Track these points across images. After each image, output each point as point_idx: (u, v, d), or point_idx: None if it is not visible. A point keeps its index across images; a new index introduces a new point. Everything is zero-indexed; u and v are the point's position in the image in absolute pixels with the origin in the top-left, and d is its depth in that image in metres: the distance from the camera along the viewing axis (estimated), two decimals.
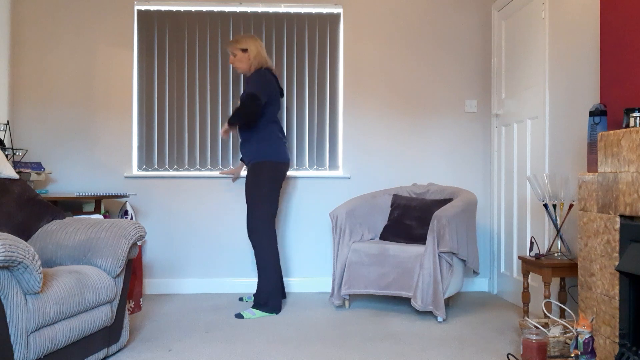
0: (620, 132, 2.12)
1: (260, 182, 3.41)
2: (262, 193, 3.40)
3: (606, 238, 2.22)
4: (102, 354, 2.48)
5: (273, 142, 3.46)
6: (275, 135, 3.49)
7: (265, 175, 3.41)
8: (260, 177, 3.41)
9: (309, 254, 4.17)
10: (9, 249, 1.83)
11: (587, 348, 2.13)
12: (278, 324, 3.19)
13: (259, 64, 3.50)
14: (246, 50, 3.50)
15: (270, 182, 3.42)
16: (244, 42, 3.51)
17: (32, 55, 4.04)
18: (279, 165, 3.46)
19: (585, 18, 2.94)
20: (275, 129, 3.49)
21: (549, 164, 3.31)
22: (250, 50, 3.50)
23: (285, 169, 3.51)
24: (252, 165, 3.45)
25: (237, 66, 3.55)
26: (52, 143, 4.05)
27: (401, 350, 2.68)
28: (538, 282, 3.39)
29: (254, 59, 3.50)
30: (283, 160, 3.48)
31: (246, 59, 3.51)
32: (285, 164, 3.51)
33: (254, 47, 3.50)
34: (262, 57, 3.51)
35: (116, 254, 2.50)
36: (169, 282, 4.08)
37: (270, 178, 3.42)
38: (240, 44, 3.51)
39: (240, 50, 3.51)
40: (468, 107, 4.23)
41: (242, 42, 3.51)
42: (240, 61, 3.52)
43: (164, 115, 4.13)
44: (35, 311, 1.99)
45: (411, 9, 4.22)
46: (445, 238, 3.20)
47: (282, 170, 3.48)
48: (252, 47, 3.50)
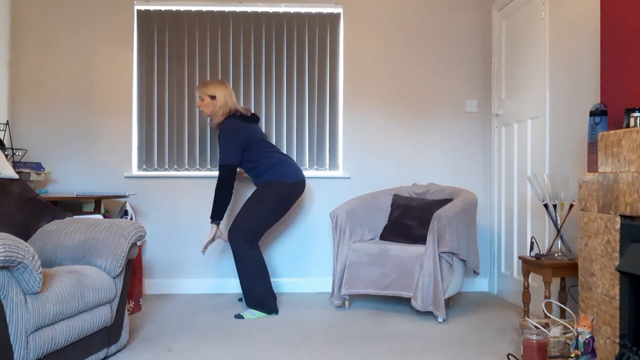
0: (621, 132, 2.12)
1: (263, 200, 3.39)
2: (259, 210, 3.37)
3: (606, 238, 2.22)
4: (102, 354, 2.48)
5: (280, 165, 3.46)
6: (279, 158, 3.48)
7: (272, 193, 3.39)
8: (266, 196, 3.39)
9: (309, 254, 4.17)
10: (8, 249, 1.83)
11: (587, 348, 2.12)
12: (278, 324, 3.19)
13: (223, 114, 3.48)
14: (214, 97, 3.51)
15: (274, 204, 3.39)
16: (213, 89, 3.51)
17: (32, 55, 4.04)
18: (289, 185, 3.42)
19: (585, 18, 2.94)
20: (274, 155, 3.49)
21: (549, 164, 3.31)
22: (218, 99, 3.49)
23: (298, 188, 3.47)
24: (262, 185, 3.46)
25: (202, 110, 3.56)
26: (52, 143, 4.05)
27: (401, 351, 2.68)
28: (538, 282, 3.39)
29: (219, 108, 3.49)
30: (295, 179, 3.45)
31: (212, 106, 3.51)
32: (298, 182, 3.46)
33: (222, 96, 3.50)
34: (227, 107, 3.49)
35: (116, 254, 2.49)
36: (169, 282, 4.08)
37: (277, 199, 3.39)
38: (210, 89, 3.51)
39: (208, 96, 3.51)
40: (468, 107, 4.23)
41: (212, 88, 3.51)
42: (207, 107, 3.53)
43: (163, 115, 4.13)
44: (35, 311, 1.99)
45: (411, 9, 4.22)
46: (445, 238, 3.19)
47: (293, 190, 3.44)
48: (220, 96, 3.50)
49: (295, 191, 3.46)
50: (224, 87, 3.54)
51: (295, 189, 3.46)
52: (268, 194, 3.40)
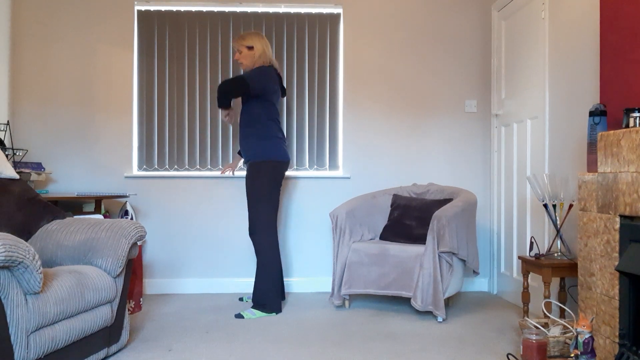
0: (620, 132, 2.12)
1: (259, 183, 3.41)
2: (262, 193, 3.40)
3: (606, 238, 2.22)
4: (103, 354, 2.48)
5: (272, 141, 3.45)
6: (274, 133, 3.48)
7: (265, 175, 3.41)
8: (260, 178, 3.41)
9: (309, 254, 4.17)
10: (9, 249, 1.83)
11: (587, 348, 2.13)
12: (278, 324, 3.19)
13: (262, 63, 3.48)
14: (252, 48, 3.48)
15: (270, 182, 3.42)
16: (250, 40, 3.49)
17: (32, 56, 4.04)
18: (278, 164, 3.45)
19: (585, 18, 2.94)
20: (274, 128, 3.48)
21: (549, 164, 3.31)
22: (256, 49, 3.48)
23: (284, 168, 3.50)
24: (251, 165, 3.45)
25: (241, 62, 3.53)
26: (53, 143, 4.05)
27: (401, 350, 2.68)
28: (538, 282, 3.39)
29: (258, 58, 3.48)
30: (282, 159, 3.47)
31: (251, 57, 3.49)
32: (285, 163, 3.49)
33: (260, 46, 3.49)
34: (266, 57, 3.50)
35: (116, 254, 2.50)
36: (169, 282, 4.08)
37: (270, 178, 3.42)
38: (247, 41, 3.49)
39: (246, 47, 3.49)
40: (468, 107, 4.23)
41: (249, 39, 3.49)
42: (245, 58, 3.50)
43: (164, 115, 4.13)
44: (36, 311, 2.00)
45: (411, 9, 4.22)
46: (445, 238, 3.20)
47: (281, 169, 3.48)
48: (258, 46, 3.49)
49: (281, 169, 3.47)
50: (260, 37, 3.52)
51: (281, 167, 3.47)
52: (261, 177, 3.40)
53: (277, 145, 3.46)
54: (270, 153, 3.43)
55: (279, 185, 3.49)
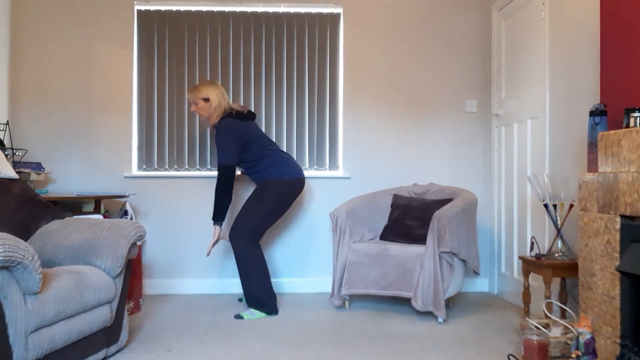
0: (621, 132, 2.12)
1: (263, 199, 3.38)
2: (259, 210, 3.37)
3: (606, 238, 2.21)
4: (102, 355, 2.48)
5: (279, 162, 3.45)
6: (278, 156, 3.47)
7: (272, 194, 3.39)
8: (266, 195, 3.39)
9: (309, 254, 4.16)
10: (8, 249, 1.83)
11: (588, 348, 2.12)
12: (278, 324, 3.18)
13: (219, 115, 3.48)
14: (208, 100, 3.50)
15: (274, 203, 3.38)
16: (205, 91, 3.50)
17: (32, 56, 4.04)
18: (289, 183, 3.42)
19: (585, 18, 2.94)
20: (273, 154, 3.48)
21: (549, 164, 3.31)
22: (212, 100, 3.49)
23: (297, 185, 3.46)
24: (262, 183, 3.45)
25: (198, 113, 3.56)
26: (52, 143, 4.05)
27: (401, 351, 2.68)
28: (539, 282, 3.39)
29: (214, 109, 3.49)
30: (294, 177, 3.45)
31: (207, 108, 3.51)
32: (297, 180, 3.46)
33: (214, 97, 3.49)
34: (222, 107, 3.49)
35: (116, 254, 2.49)
36: (169, 283, 4.08)
37: (276, 198, 3.39)
38: (202, 93, 3.50)
39: (201, 99, 3.51)
40: (468, 107, 4.22)
41: (203, 91, 3.50)
42: (202, 110, 3.53)
43: (163, 115, 4.13)
44: (35, 311, 1.99)
45: (411, 9, 4.22)
46: (445, 238, 3.19)
47: (293, 187, 3.44)
48: (214, 97, 3.49)
49: (294, 189, 3.46)
50: (215, 87, 3.53)
51: (294, 187, 3.46)
52: (268, 193, 3.39)
53: (289, 165, 3.46)
54: (282, 174, 3.42)
55: (285, 208, 3.46)
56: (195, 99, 3.52)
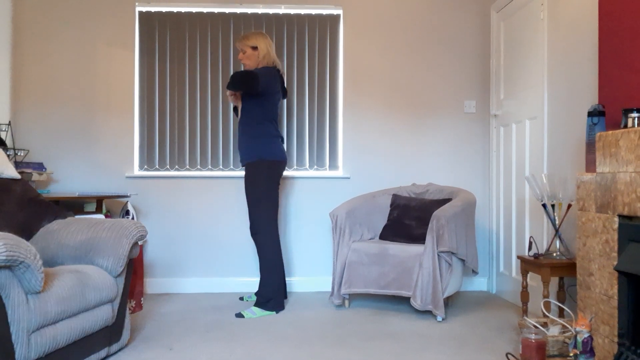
0: (619, 133, 2.13)
1: (257, 182, 3.41)
2: (260, 194, 3.41)
3: (604, 238, 2.23)
4: (104, 353, 2.49)
5: (267, 140, 3.44)
6: (271, 132, 3.47)
7: (261, 175, 3.41)
8: (257, 177, 3.41)
9: (309, 254, 4.18)
10: (10, 248, 1.84)
11: (586, 347, 2.14)
12: (278, 323, 3.20)
13: (266, 64, 3.49)
14: (256, 48, 3.48)
15: (266, 182, 3.42)
16: (255, 40, 3.48)
17: (33, 56, 4.06)
18: (273, 163, 3.44)
19: (584, 18, 2.95)
20: (271, 127, 3.48)
21: (548, 164, 3.32)
22: (260, 49, 3.48)
23: (281, 167, 3.50)
24: (247, 165, 3.46)
25: (244, 62, 3.53)
26: (54, 143, 4.06)
27: (401, 350, 2.69)
28: (537, 281, 3.40)
29: (262, 59, 3.48)
30: (278, 158, 3.47)
31: (255, 57, 3.49)
32: (281, 162, 3.49)
33: (264, 46, 3.48)
34: (270, 57, 3.49)
35: (117, 254, 2.51)
36: (170, 282, 4.09)
37: (267, 177, 3.42)
38: (251, 41, 3.48)
39: (250, 47, 3.48)
40: (467, 108, 4.24)
41: (253, 39, 3.49)
42: (249, 58, 3.50)
43: (165, 115, 4.14)
44: (37, 310, 2.00)
45: (411, 10, 4.23)
46: (444, 238, 3.21)
47: (278, 168, 3.47)
48: (262, 46, 3.48)
49: (278, 169, 3.48)
50: (264, 37, 3.51)
51: (278, 167, 3.47)
52: (259, 176, 3.41)
53: (273, 145, 3.45)
54: (266, 153, 3.42)
55: (276, 185, 3.49)
56: (244, 47, 3.49)
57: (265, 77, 3.38)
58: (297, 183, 4.19)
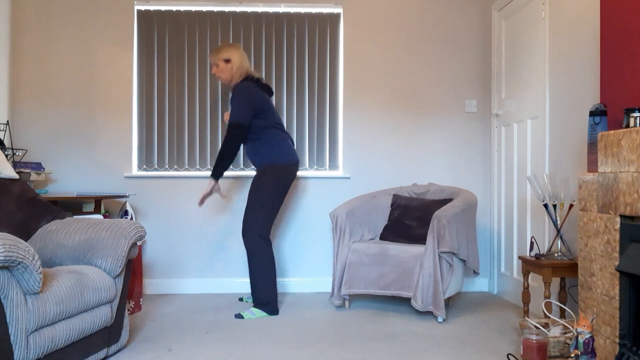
0: (621, 132, 2.12)
1: (263, 187, 3.38)
2: (263, 198, 3.37)
3: (606, 238, 2.22)
4: (102, 354, 2.48)
5: (277, 145, 3.43)
6: (279, 137, 3.45)
7: (269, 180, 3.38)
8: (265, 182, 3.38)
9: (309, 254, 4.17)
10: (8, 249, 1.83)
11: (587, 348, 2.13)
12: (278, 324, 3.19)
13: (240, 76, 3.45)
14: (229, 61, 3.45)
15: (272, 188, 3.38)
16: (227, 52, 3.46)
17: (32, 55, 4.04)
18: (285, 168, 3.42)
19: (585, 18, 2.94)
20: (276, 132, 3.46)
21: (549, 164, 3.31)
22: (233, 61, 3.44)
23: (293, 170, 3.46)
24: (258, 169, 3.45)
25: (219, 76, 3.50)
26: (52, 143, 4.05)
27: (401, 350, 2.68)
28: (538, 282, 3.39)
29: (236, 71, 3.45)
30: (290, 162, 3.44)
31: (228, 70, 3.46)
32: (293, 165, 3.46)
33: (236, 58, 3.45)
34: (244, 68, 3.46)
35: (116, 254, 2.50)
36: (169, 282, 4.08)
37: (274, 183, 3.38)
38: (223, 54, 3.46)
39: (222, 60, 3.45)
40: (468, 107, 4.23)
41: (225, 52, 3.46)
42: (223, 72, 3.47)
43: (164, 115, 4.13)
44: (35, 311, 1.99)
45: (411, 9, 4.22)
46: (445, 238, 3.20)
47: (289, 172, 3.44)
48: (235, 58, 3.45)
49: (290, 173, 3.45)
50: (236, 49, 3.48)
51: (290, 171, 3.45)
52: (265, 181, 3.39)
53: (283, 149, 3.44)
54: (276, 157, 3.40)
55: (284, 191, 3.45)
56: (217, 60, 3.46)
57: (246, 101, 3.33)
58: (297, 183, 4.17)
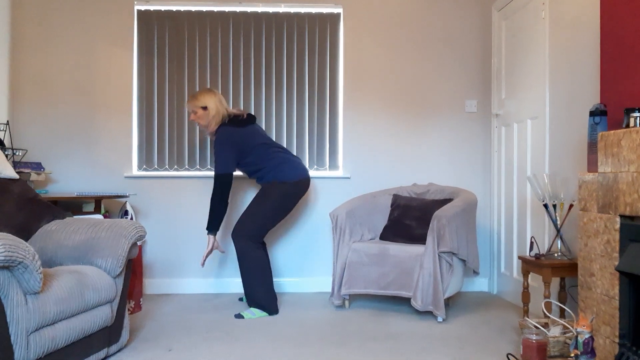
0: (621, 132, 2.12)
1: (267, 200, 3.38)
2: (264, 211, 3.37)
3: (606, 238, 2.22)
4: (103, 354, 2.48)
5: (281, 165, 3.44)
6: (280, 159, 3.46)
7: (275, 194, 3.39)
8: (270, 196, 3.39)
9: (309, 254, 4.17)
10: (9, 249, 1.83)
11: (587, 348, 2.13)
12: (278, 323, 3.19)
13: (217, 123, 3.49)
14: (206, 108, 3.49)
15: (277, 203, 3.38)
16: (203, 100, 3.49)
17: (32, 55, 4.04)
18: (292, 185, 3.41)
19: (585, 18, 2.94)
20: (276, 154, 3.47)
21: (549, 164, 3.31)
22: (210, 108, 3.48)
23: (300, 186, 3.46)
24: (264, 184, 3.46)
25: (198, 122, 3.54)
26: (52, 143, 4.05)
27: (401, 350, 2.68)
28: (538, 282, 3.39)
29: (212, 118, 3.48)
30: (297, 178, 3.44)
31: (206, 117, 3.49)
32: (300, 181, 3.45)
33: (213, 105, 3.48)
34: (220, 115, 3.49)
35: (116, 254, 2.50)
36: (169, 282, 4.08)
37: (279, 199, 3.39)
38: (200, 101, 3.49)
39: (200, 108, 3.50)
40: (468, 107, 4.23)
41: (201, 99, 3.50)
42: (201, 118, 3.51)
43: (164, 115, 4.13)
44: (36, 311, 2.00)
45: (411, 9, 4.22)
46: (445, 238, 3.20)
47: (298, 187, 3.44)
48: (212, 105, 3.48)
49: (299, 189, 3.46)
50: (212, 95, 3.52)
51: (299, 187, 3.46)
52: (272, 193, 3.39)
53: (293, 167, 3.45)
54: (285, 175, 3.41)
55: (290, 208, 3.46)
56: (194, 108, 3.52)
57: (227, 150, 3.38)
58: None
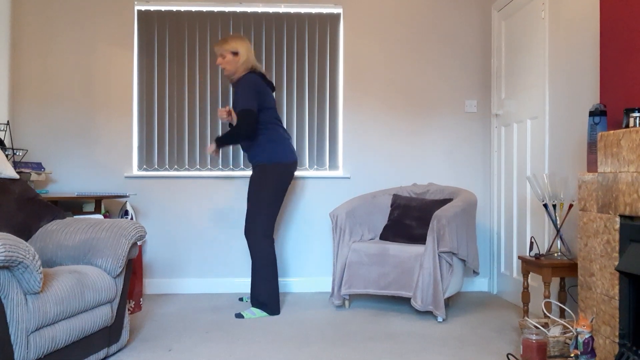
0: (620, 132, 2.12)
1: (264, 186, 3.37)
2: (265, 198, 3.37)
3: (606, 238, 2.22)
4: (103, 354, 2.48)
5: (278, 143, 3.41)
6: (279, 135, 3.44)
7: (271, 178, 3.37)
8: (266, 180, 3.38)
9: (309, 254, 4.17)
10: (9, 249, 1.83)
11: (587, 348, 2.13)
12: (278, 323, 3.19)
13: (245, 70, 3.39)
14: (237, 54, 3.38)
15: (275, 186, 3.38)
16: (234, 44, 3.38)
17: (32, 55, 4.04)
18: (285, 166, 3.41)
19: (585, 18, 2.95)
20: (278, 129, 3.45)
21: (549, 164, 3.31)
22: (241, 54, 3.37)
23: (292, 169, 3.46)
24: (258, 167, 3.43)
25: (224, 67, 3.42)
26: (53, 143, 4.05)
27: (401, 350, 2.68)
28: (538, 282, 3.39)
29: (242, 64, 3.39)
30: (290, 160, 3.43)
31: (234, 63, 3.38)
32: (292, 164, 3.45)
33: (244, 51, 3.38)
34: (249, 63, 3.40)
35: (116, 254, 2.50)
36: (169, 282, 4.08)
37: (276, 181, 3.38)
38: (230, 45, 3.38)
39: (230, 52, 3.38)
40: (468, 107, 4.23)
41: (233, 43, 3.38)
42: (229, 63, 3.39)
43: (164, 115, 4.13)
44: (36, 311, 2.00)
45: (411, 9, 4.22)
46: (445, 238, 3.20)
47: (289, 171, 3.43)
48: (243, 51, 3.38)
49: (290, 171, 3.44)
50: (244, 41, 3.41)
51: (290, 169, 3.44)
52: (267, 180, 3.38)
53: (283, 147, 3.43)
54: (277, 156, 3.39)
55: (284, 189, 3.45)
56: (223, 52, 3.38)
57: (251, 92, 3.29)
58: (297, 183, 4.18)
